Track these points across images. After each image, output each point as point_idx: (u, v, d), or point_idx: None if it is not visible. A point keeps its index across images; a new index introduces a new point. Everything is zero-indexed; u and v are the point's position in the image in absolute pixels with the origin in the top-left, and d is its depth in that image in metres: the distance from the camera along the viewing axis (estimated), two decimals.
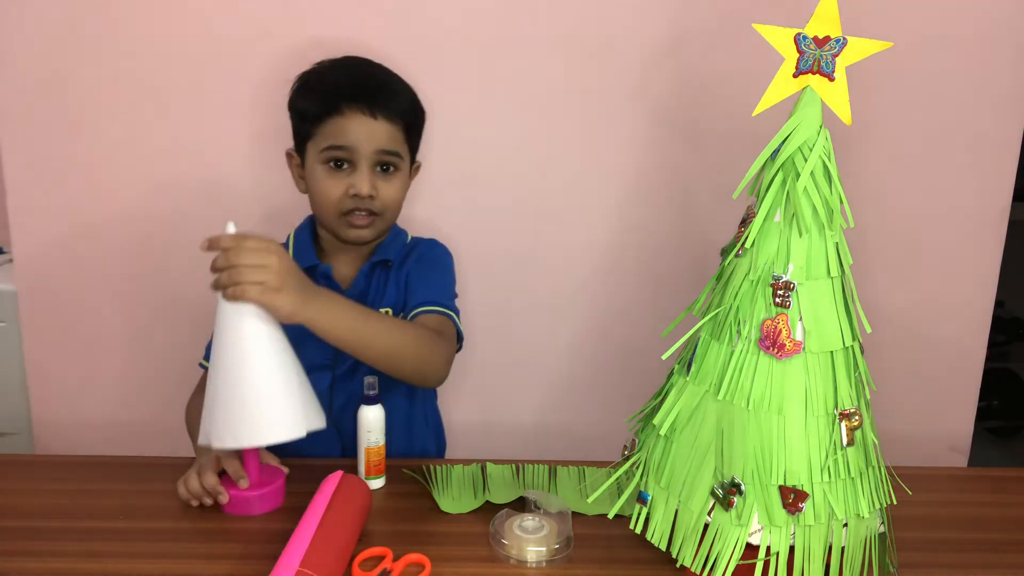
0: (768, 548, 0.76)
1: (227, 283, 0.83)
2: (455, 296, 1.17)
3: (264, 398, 0.87)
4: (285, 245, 1.17)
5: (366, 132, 1.04)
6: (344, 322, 0.92)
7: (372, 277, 1.15)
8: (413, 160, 1.14)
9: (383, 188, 1.07)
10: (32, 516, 0.93)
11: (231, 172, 1.42)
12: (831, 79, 0.75)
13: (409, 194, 1.38)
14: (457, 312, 1.13)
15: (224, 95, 1.38)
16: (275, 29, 1.35)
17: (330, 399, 1.14)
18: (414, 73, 1.35)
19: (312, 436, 1.08)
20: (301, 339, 1.09)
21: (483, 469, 1.07)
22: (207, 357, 1.14)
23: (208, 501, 0.95)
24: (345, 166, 1.06)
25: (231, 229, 0.86)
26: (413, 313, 1.08)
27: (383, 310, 1.13)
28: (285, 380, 0.89)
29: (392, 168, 1.08)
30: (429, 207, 1.42)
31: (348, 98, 1.04)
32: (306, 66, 1.12)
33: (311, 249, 1.15)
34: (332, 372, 1.13)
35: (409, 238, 1.20)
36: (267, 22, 1.35)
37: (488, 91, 1.38)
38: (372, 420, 1.00)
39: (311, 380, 1.07)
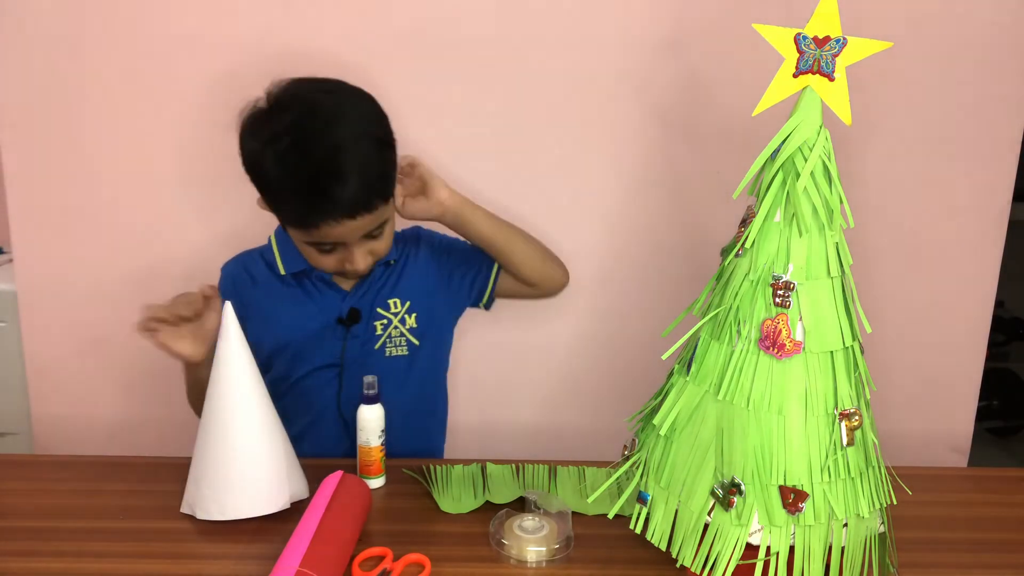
0: (768, 548, 0.76)
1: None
2: None
3: (251, 473, 0.92)
4: (268, 247, 1.16)
5: (347, 231, 1.00)
6: (488, 219, 1.13)
7: (373, 277, 1.14)
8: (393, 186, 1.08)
9: (376, 247, 1.06)
10: (32, 516, 0.93)
11: (233, 172, 1.42)
12: (831, 79, 0.75)
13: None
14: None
15: (225, 95, 1.38)
16: (277, 31, 1.35)
17: (338, 399, 1.14)
18: (412, 73, 1.35)
19: (321, 435, 1.09)
20: (311, 340, 1.08)
21: (483, 469, 1.07)
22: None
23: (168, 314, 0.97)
24: (335, 248, 1.04)
25: (228, 308, 0.92)
26: (489, 289, 1.20)
27: (391, 300, 1.14)
28: (271, 453, 0.93)
29: (381, 231, 1.05)
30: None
31: (323, 218, 0.97)
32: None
33: (298, 252, 1.10)
34: (339, 371, 1.13)
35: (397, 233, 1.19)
36: (269, 23, 1.35)
37: (488, 91, 1.38)
38: (371, 420, 1.00)
39: (320, 379, 1.08)
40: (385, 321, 1.14)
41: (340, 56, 1.34)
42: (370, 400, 1.00)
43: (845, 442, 0.76)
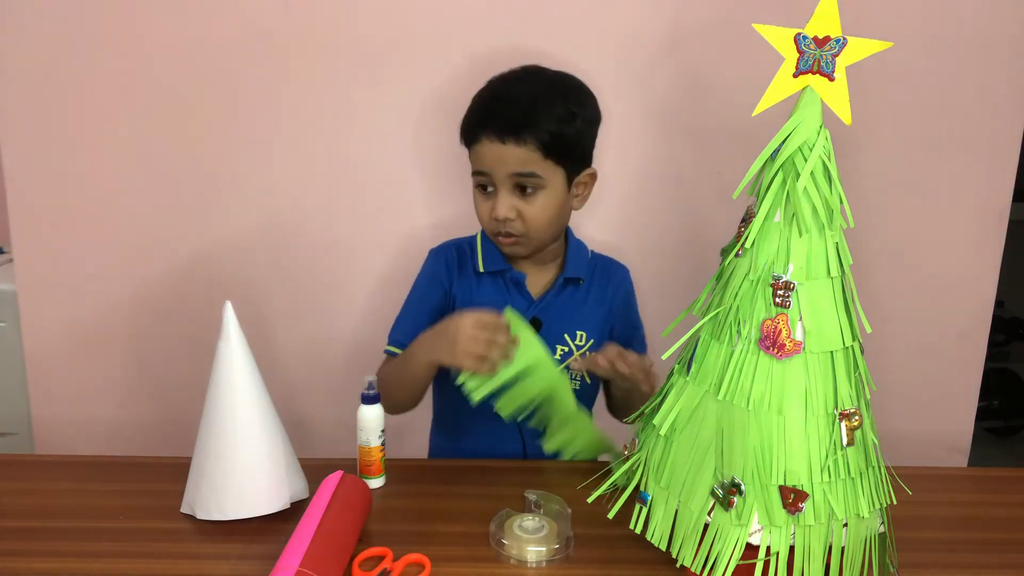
0: (768, 548, 0.76)
1: None
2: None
3: (251, 473, 0.92)
4: (472, 241, 1.18)
5: (496, 157, 1.04)
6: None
7: (563, 293, 1.16)
8: (574, 173, 1.10)
9: (524, 208, 1.07)
10: (32, 516, 0.93)
11: (232, 171, 1.42)
12: (831, 79, 0.75)
13: (409, 193, 1.39)
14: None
15: (224, 95, 1.38)
16: (276, 29, 1.35)
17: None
18: (418, 77, 1.36)
19: (495, 436, 1.11)
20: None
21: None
22: (391, 342, 1.16)
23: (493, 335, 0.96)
24: (490, 189, 1.07)
25: (228, 308, 0.91)
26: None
27: (580, 332, 1.16)
28: (271, 453, 0.93)
29: (533, 189, 1.06)
30: (432, 208, 1.42)
31: (480, 125, 1.05)
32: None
33: (498, 252, 1.15)
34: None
35: (590, 253, 1.21)
36: (268, 22, 1.35)
37: None
38: (371, 420, 1.00)
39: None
40: (567, 349, 1.15)
41: None
42: (370, 400, 1.00)
43: (845, 442, 0.76)
